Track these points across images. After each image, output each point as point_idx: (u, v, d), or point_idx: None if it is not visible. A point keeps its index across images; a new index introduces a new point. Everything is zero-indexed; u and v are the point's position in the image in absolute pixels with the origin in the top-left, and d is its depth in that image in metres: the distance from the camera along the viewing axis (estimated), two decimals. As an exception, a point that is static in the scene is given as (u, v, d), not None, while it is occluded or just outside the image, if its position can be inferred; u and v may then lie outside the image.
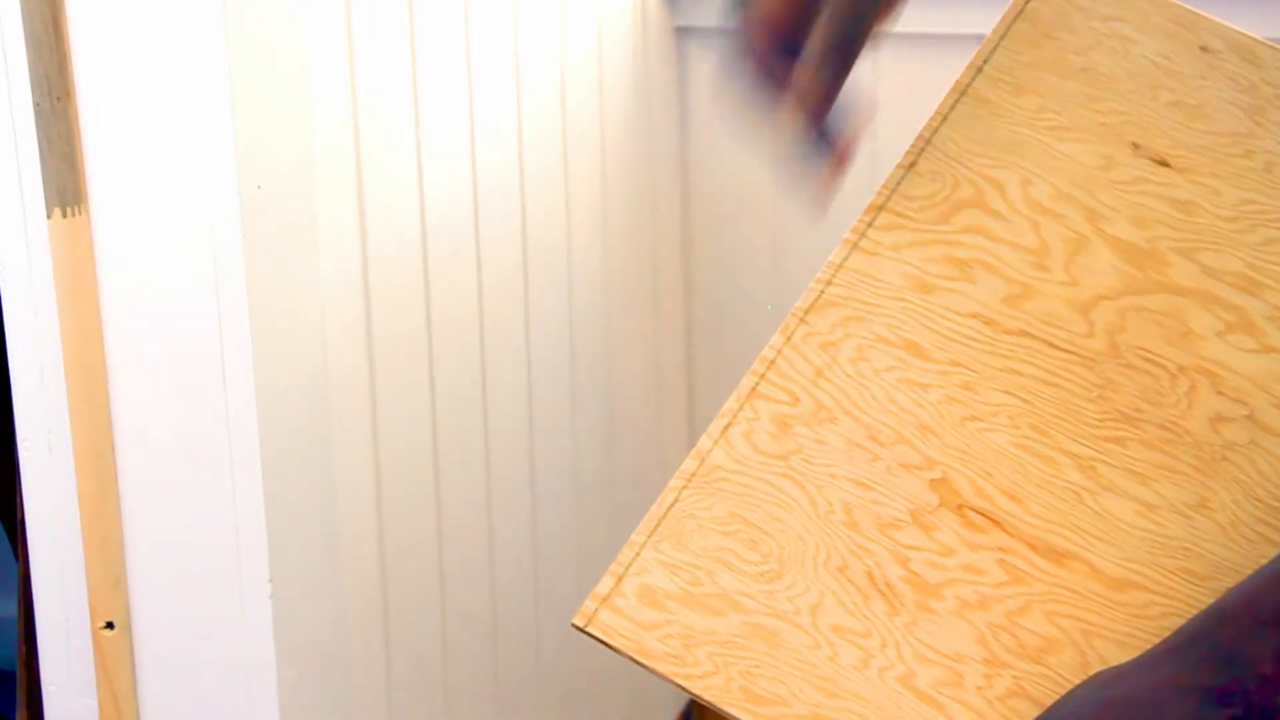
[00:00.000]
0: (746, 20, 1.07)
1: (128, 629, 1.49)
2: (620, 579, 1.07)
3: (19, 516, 1.53)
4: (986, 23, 1.24)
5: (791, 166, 1.09)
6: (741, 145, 2.00)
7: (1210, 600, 1.00)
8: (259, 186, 1.42)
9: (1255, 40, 1.20)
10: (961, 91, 1.19)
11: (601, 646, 1.06)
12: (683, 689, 1.05)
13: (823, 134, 1.09)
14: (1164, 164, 1.16)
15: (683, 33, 2.10)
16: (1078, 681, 1.01)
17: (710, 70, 2.09)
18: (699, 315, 1.94)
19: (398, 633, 1.68)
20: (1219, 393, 1.09)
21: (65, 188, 1.42)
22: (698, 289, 2.02)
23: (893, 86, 1.90)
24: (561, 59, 1.89)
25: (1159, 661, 0.97)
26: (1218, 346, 1.11)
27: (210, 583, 1.48)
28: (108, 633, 1.48)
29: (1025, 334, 1.12)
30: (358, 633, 1.62)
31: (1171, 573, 1.05)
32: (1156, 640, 1.00)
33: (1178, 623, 1.01)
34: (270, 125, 1.44)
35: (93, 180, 1.43)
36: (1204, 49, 1.19)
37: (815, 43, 1.06)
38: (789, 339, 1.13)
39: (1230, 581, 1.01)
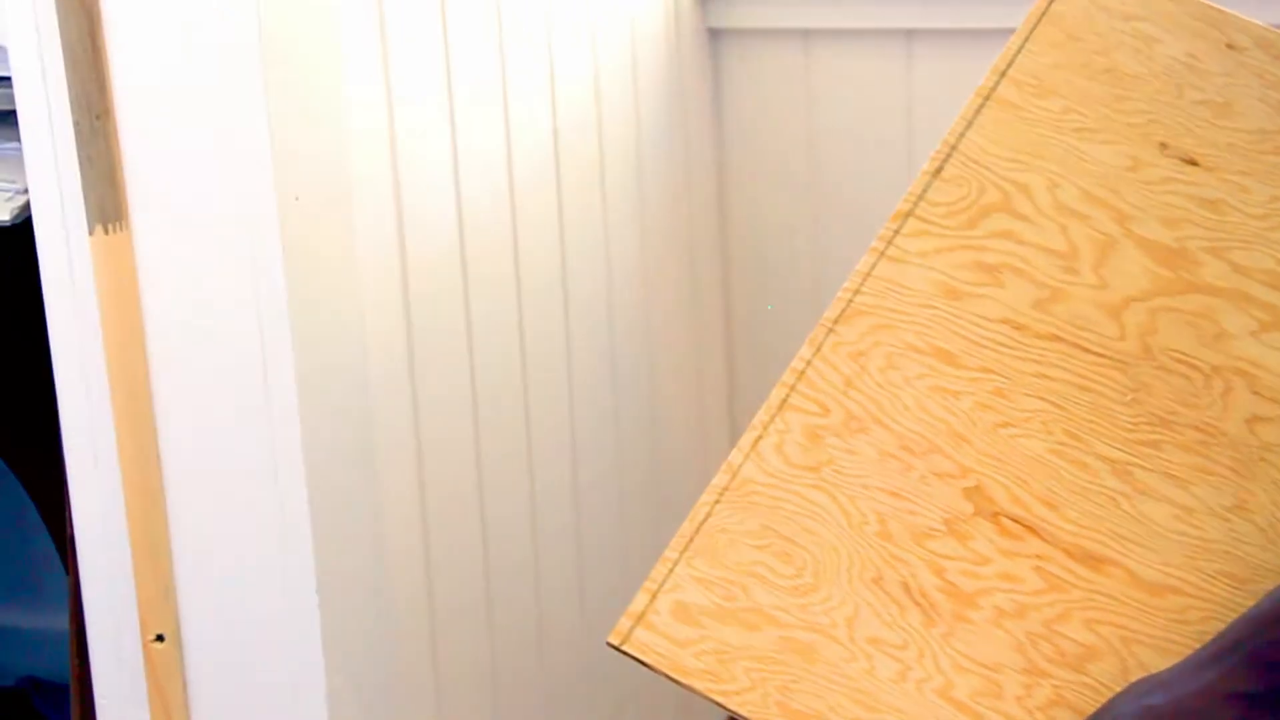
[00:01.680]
0: None
1: (178, 641, 1.50)
2: (655, 595, 1.06)
3: (68, 531, 1.52)
4: (1019, 17, 1.23)
5: None
6: (778, 145, 2.01)
7: (1250, 603, 0.99)
8: (297, 198, 1.41)
9: (1283, 35, 1.19)
10: (986, 96, 1.17)
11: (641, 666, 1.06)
12: (720, 706, 1.04)
13: None
14: (1192, 163, 1.14)
15: (715, 34, 2.10)
16: (1118, 689, 1.00)
17: (744, 73, 2.09)
18: (738, 315, 1.93)
19: (444, 640, 1.67)
20: (1255, 393, 1.08)
21: (106, 204, 1.41)
22: (736, 288, 2.02)
23: (928, 85, 1.89)
24: (595, 61, 1.89)
25: (1201, 668, 0.96)
26: (1252, 346, 1.09)
27: (258, 594, 1.48)
28: (158, 645, 1.48)
29: (1056, 338, 1.10)
30: (405, 641, 1.61)
31: (1211, 576, 1.04)
32: (1197, 645, 0.99)
33: (1218, 627, 0.99)
34: (306, 137, 1.43)
35: (133, 197, 1.42)
36: (1230, 46, 1.17)
37: None
38: (818, 349, 1.12)
39: (1271, 584, 1.01)
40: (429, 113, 1.61)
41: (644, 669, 1.10)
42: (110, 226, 1.41)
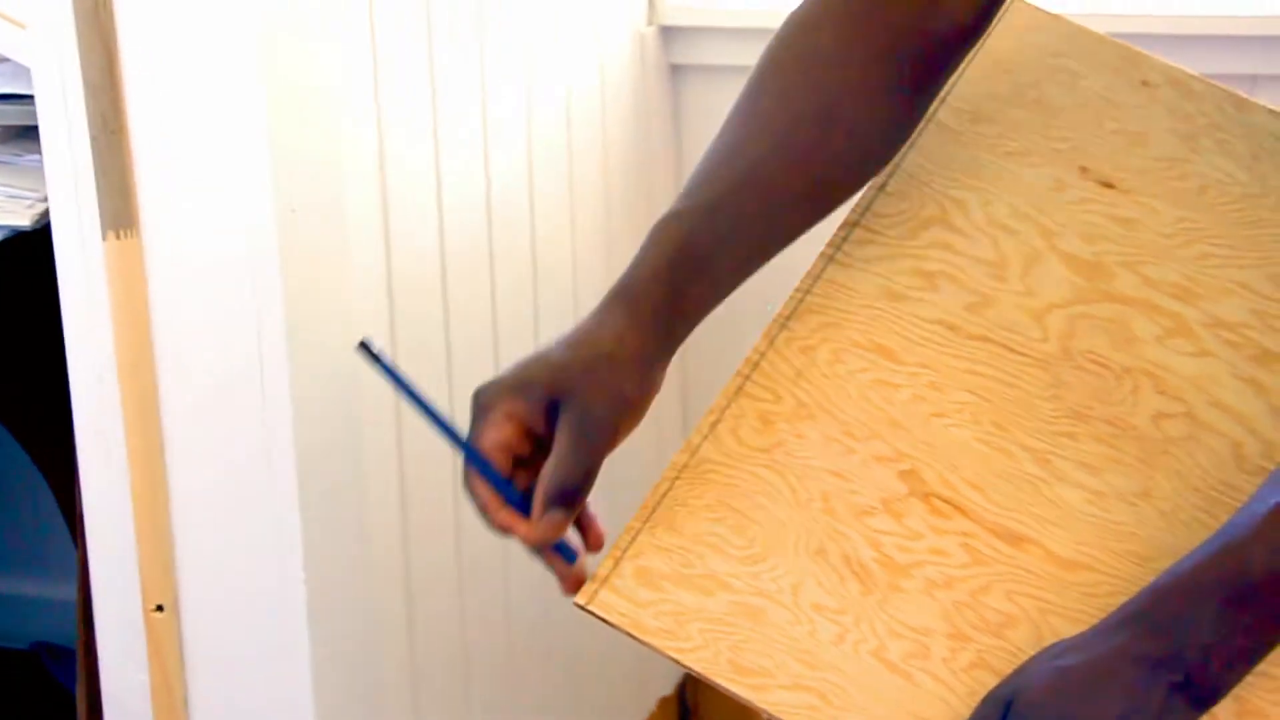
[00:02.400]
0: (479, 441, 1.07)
1: (176, 611, 1.49)
2: (619, 561, 1.06)
3: (78, 509, 1.53)
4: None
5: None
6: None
7: (1152, 579, 1.00)
8: (293, 210, 1.43)
9: (1190, 75, 1.21)
10: (928, 120, 1.19)
11: (603, 626, 1.06)
12: (675, 661, 1.05)
13: (557, 548, 1.08)
14: (1109, 186, 1.16)
15: (677, 70, 2.11)
16: (1034, 654, 1.01)
17: (703, 105, 2.09)
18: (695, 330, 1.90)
19: (421, 615, 1.68)
20: (1160, 392, 1.09)
21: (119, 212, 1.43)
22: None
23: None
24: (568, 96, 1.88)
25: (1109, 633, 0.98)
26: (1158, 350, 1.11)
27: (250, 570, 1.48)
28: (158, 614, 1.48)
29: (986, 339, 1.12)
30: (385, 616, 1.62)
31: (1119, 555, 1.05)
32: (1104, 615, 1.00)
33: (1124, 600, 1.00)
34: (304, 155, 1.45)
35: (144, 206, 1.43)
36: (1145, 83, 1.20)
37: (541, 486, 1.05)
38: (772, 343, 1.13)
39: (1170, 561, 1.01)
40: (415, 138, 1.63)
41: (601, 641, 1.08)
42: (122, 233, 1.43)
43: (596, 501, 1.07)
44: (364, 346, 1.09)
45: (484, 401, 1.07)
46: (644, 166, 2.05)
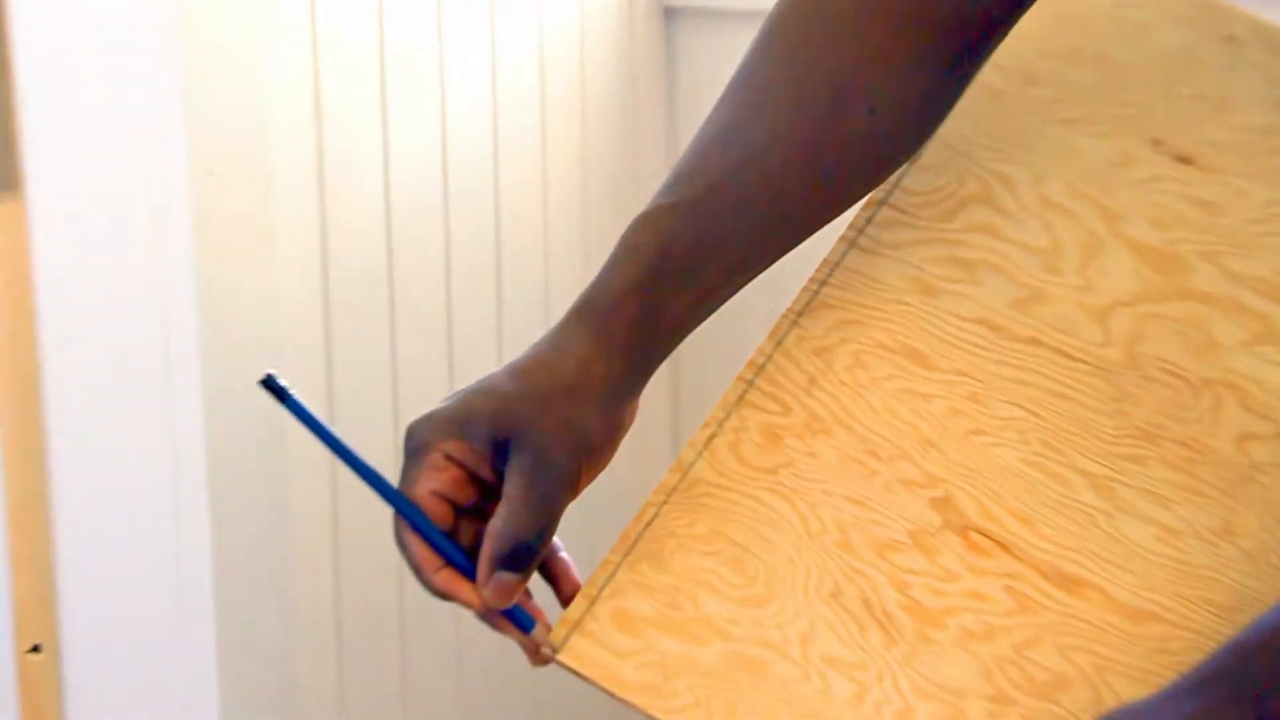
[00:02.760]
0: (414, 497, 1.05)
1: (56, 652, 1.48)
2: (593, 601, 1.05)
3: None
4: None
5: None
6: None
7: (1234, 633, 0.99)
8: (210, 173, 1.43)
9: (1286, 29, 1.20)
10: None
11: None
12: None
13: (510, 615, 1.06)
14: (1186, 161, 1.15)
15: (671, 13, 2.12)
16: None
17: (702, 57, 2.09)
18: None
19: (352, 655, 1.66)
20: (1246, 409, 1.09)
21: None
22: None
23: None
24: (540, 35, 1.90)
25: (1182, 699, 0.96)
26: (1244, 358, 1.10)
27: (149, 602, 1.47)
28: (34, 656, 1.47)
29: (1036, 341, 1.11)
30: (309, 656, 1.61)
31: (1193, 603, 1.04)
32: (1176, 676, 0.98)
33: (1199, 657, 0.99)
34: (224, 106, 1.44)
35: (29, 162, 1.43)
36: (1230, 38, 1.19)
37: (488, 544, 1.04)
38: (780, 343, 1.12)
39: (1256, 612, 1.01)
40: (360, 89, 1.63)
41: (569, 689, 1.09)
42: (2, 194, 1.42)
43: (566, 530, 1.07)
44: (268, 383, 1.07)
45: (418, 441, 1.05)
46: (629, 126, 2.06)
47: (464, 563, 1.05)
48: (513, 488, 1.03)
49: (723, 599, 1.06)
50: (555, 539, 1.06)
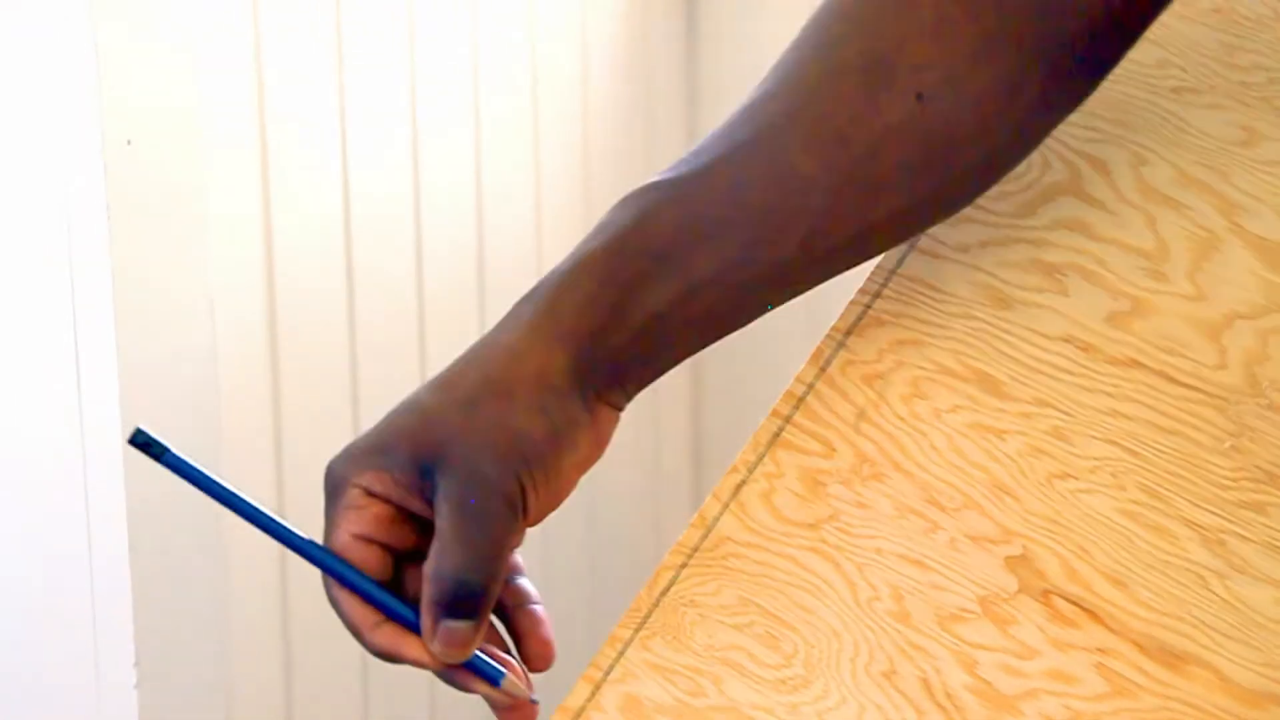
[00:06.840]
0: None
1: None
2: (598, 686, 1.06)
3: None
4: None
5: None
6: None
7: None
8: (129, 141, 1.42)
9: None
10: None
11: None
12: None
13: (472, 668, 1.06)
14: None
15: None
16: None
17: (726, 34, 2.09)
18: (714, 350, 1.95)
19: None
20: None
21: None
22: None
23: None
24: (530, 13, 1.90)
25: None
26: None
27: (60, 665, 1.47)
28: None
29: (1135, 364, 1.11)
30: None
31: None
32: None
33: None
34: (146, 65, 1.44)
35: None
36: None
37: (427, 588, 1.04)
38: (823, 369, 1.13)
39: None
40: (311, 45, 1.63)
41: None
42: None
43: (568, 587, 1.07)
44: (137, 440, 1.06)
45: (335, 479, 1.05)
46: (641, 113, 2.06)
47: (406, 614, 1.05)
48: (443, 517, 1.03)
49: (754, 682, 1.06)
50: (527, 586, 1.06)
